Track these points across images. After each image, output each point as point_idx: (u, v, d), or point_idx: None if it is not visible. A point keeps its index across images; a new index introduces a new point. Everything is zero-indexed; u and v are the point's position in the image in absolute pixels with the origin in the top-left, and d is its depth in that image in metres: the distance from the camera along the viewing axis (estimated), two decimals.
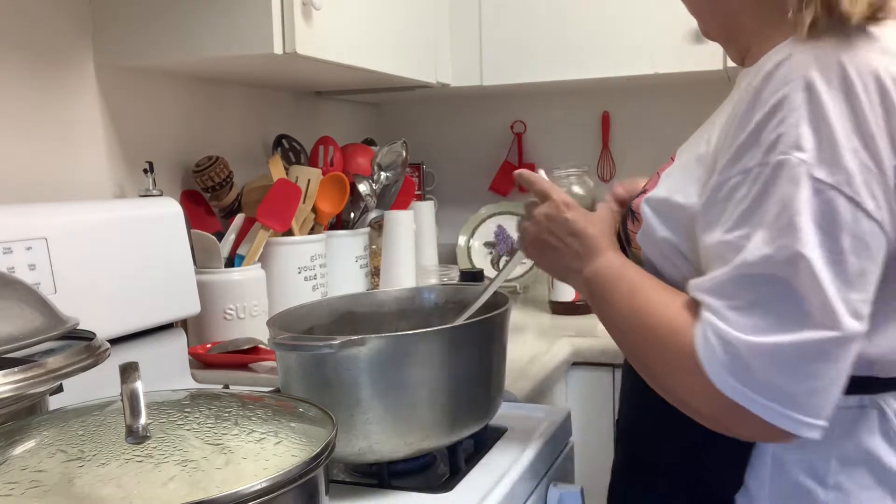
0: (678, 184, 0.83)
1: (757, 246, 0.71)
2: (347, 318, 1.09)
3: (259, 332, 1.40)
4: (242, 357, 1.33)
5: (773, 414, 0.70)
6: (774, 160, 0.71)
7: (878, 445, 0.81)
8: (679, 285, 0.81)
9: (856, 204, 0.70)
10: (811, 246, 0.69)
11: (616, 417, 1.04)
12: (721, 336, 0.71)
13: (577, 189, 1.85)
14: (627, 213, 0.92)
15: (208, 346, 1.37)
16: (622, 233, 0.94)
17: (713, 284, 0.73)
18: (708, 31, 0.92)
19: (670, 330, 0.76)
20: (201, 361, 1.34)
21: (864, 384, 0.79)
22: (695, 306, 0.75)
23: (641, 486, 0.94)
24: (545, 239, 0.93)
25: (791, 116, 0.71)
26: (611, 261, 0.88)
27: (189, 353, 1.32)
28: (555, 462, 1.05)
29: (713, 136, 0.80)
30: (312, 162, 1.80)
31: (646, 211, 0.85)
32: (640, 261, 0.89)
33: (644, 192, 0.90)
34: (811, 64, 0.72)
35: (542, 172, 1.01)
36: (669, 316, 0.77)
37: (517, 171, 1.00)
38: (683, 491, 0.88)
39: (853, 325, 0.69)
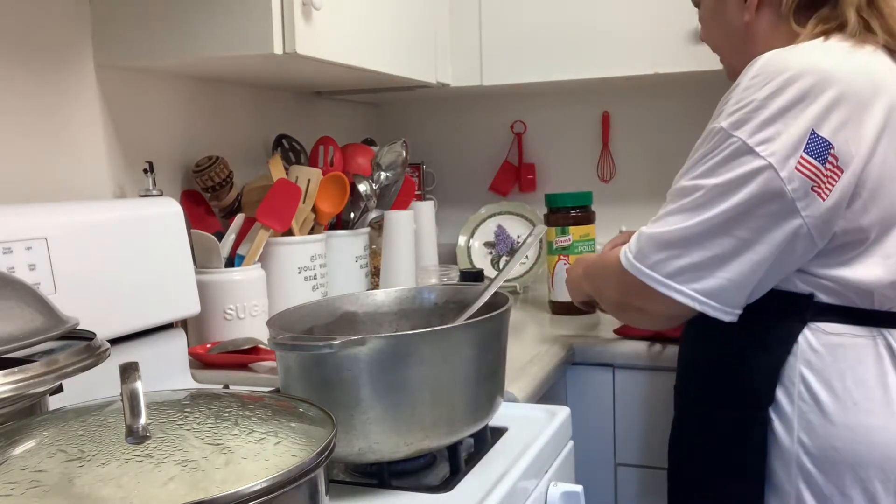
0: None
1: None
2: (347, 318, 1.09)
3: (259, 332, 1.40)
4: (242, 357, 1.33)
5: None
6: None
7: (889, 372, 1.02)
8: None
9: None
10: None
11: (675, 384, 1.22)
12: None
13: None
14: None
15: (208, 346, 1.37)
16: None
17: None
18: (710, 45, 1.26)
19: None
20: (201, 361, 1.34)
21: (867, 316, 1.03)
22: None
23: (682, 414, 1.20)
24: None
25: None
26: None
27: (189, 353, 1.32)
28: (555, 462, 1.05)
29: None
30: (312, 162, 1.80)
31: None
32: None
33: None
34: None
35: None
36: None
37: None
38: (722, 408, 1.10)
39: None
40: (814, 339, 1.04)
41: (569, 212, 1.80)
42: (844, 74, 0.99)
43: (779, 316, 1.05)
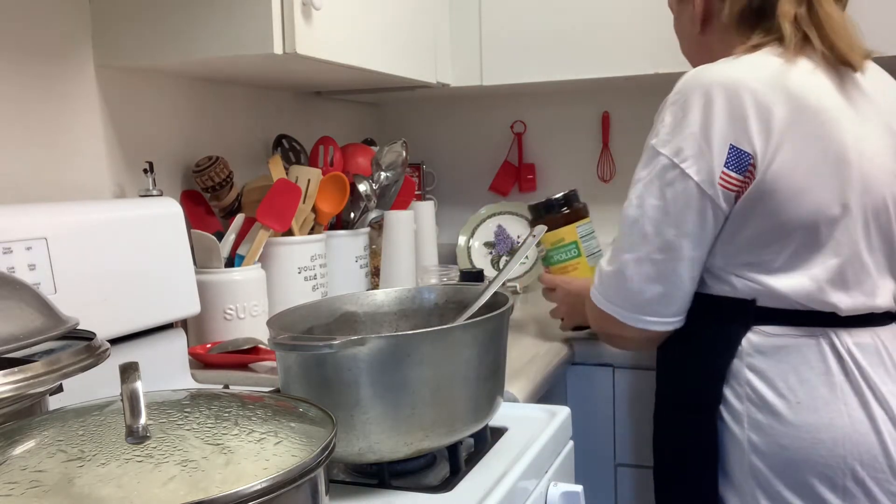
0: None
1: None
2: (347, 318, 1.09)
3: (259, 332, 1.40)
4: (242, 357, 1.33)
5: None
6: None
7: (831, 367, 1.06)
8: None
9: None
10: None
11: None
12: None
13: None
14: None
15: (208, 346, 1.37)
16: None
17: None
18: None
19: None
20: (201, 361, 1.34)
21: (809, 317, 1.07)
22: None
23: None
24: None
25: None
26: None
27: (189, 353, 1.32)
28: (555, 462, 1.05)
29: None
30: (312, 162, 1.80)
31: None
32: None
33: None
34: None
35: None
36: None
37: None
38: (678, 408, 1.17)
39: None
40: (757, 340, 1.08)
41: (535, 222, 1.55)
42: (752, 82, 1.04)
43: (723, 320, 1.10)
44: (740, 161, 1.03)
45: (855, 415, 1.04)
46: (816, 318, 1.07)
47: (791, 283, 1.06)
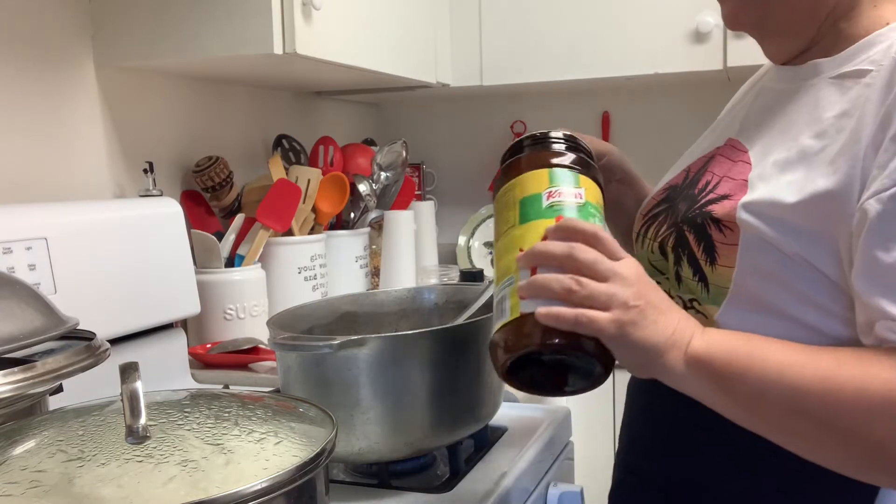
0: (786, 186, 0.70)
1: None
2: (347, 318, 1.09)
3: (259, 332, 1.40)
4: (242, 357, 1.33)
5: None
6: None
7: None
8: (778, 314, 0.70)
9: None
10: None
11: (622, 449, 0.93)
12: None
13: None
14: (703, 222, 0.75)
15: (208, 346, 1.37)
16: (678, 248, 0.78)
17: None
18: (766, 19, 0.78)
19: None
20: (201, 361, 1.34)
21: None
22: None
23: None
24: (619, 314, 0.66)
25: None
26: (708, 328, 0.70)
27: (189, 353, 1.32)
28: (555, 462, 1.05)
29: (829, 131, 0.70)
30: (312, 162, 1.80)
31: (749, 219, 0.71)
32: (705, 283, 0.75)
33: (706, 196, 0.77)
34: None
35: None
36: (889, 371, 0.62)
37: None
38: None
39: None
40: None
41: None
42: None
43: None
44: None
45: None
46: None
47: None
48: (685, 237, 0.77)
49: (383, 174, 1.80)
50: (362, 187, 1.75)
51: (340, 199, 1.68)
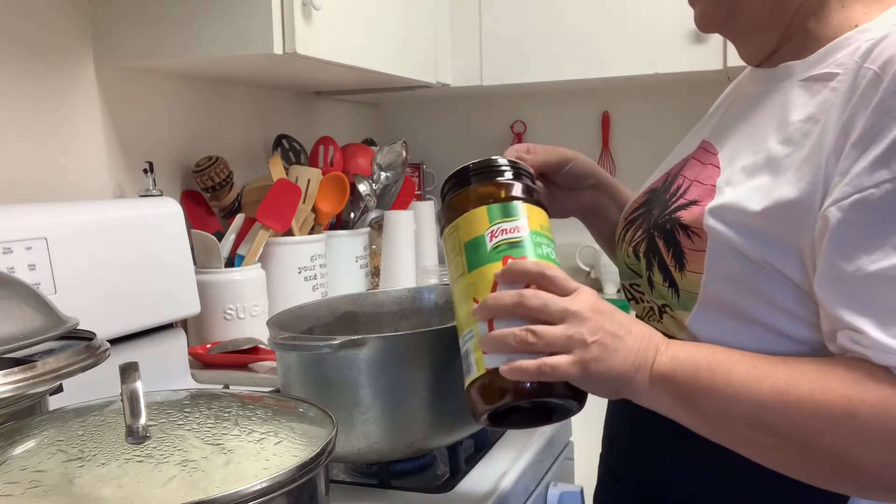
0: (752, 193, 0.69)
1: None
2: (347, 318, 1.09)
3: (259, 332, 1.40)
4: (242, 357, 1.33)
5: None
6: None
7: None
8: (747, 319, 0.70)
9: None
10: None
11: (604, 450, 0.91)
12: None
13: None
14: (672, 228, 0.75)
15: (208, 346, 1.37)
16: (650, 254, 0.77)
17: None
18: (734, 20, 0.77)
19: (871, 399, 0.61)
20: (201, 361, 1.34)
21: None
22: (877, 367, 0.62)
23: None
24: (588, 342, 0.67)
25: None
26: (671, 343, 0.70)
27: (189, 353, 1.32)
28: (555, 462, 1.05)
29: (795, 136, 0.69)
30: (312, 162, 1.80)
31: (715, 226, 0.70)
32: (675, 289, 0.74)
33: (676, 202, 0.76)
34: None
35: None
36: (847, 383, 0.62)
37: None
38: None
39: None
40: None
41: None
42: None
43: None
44: None
45: None
46: None
47: None
48: (655, 243, 0.77)
49: (383, 174, 1.80)
50: (362, 187, 1.75)
51: (340, 199, 1.68)
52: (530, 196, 0.76)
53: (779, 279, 0.68)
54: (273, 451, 0.60)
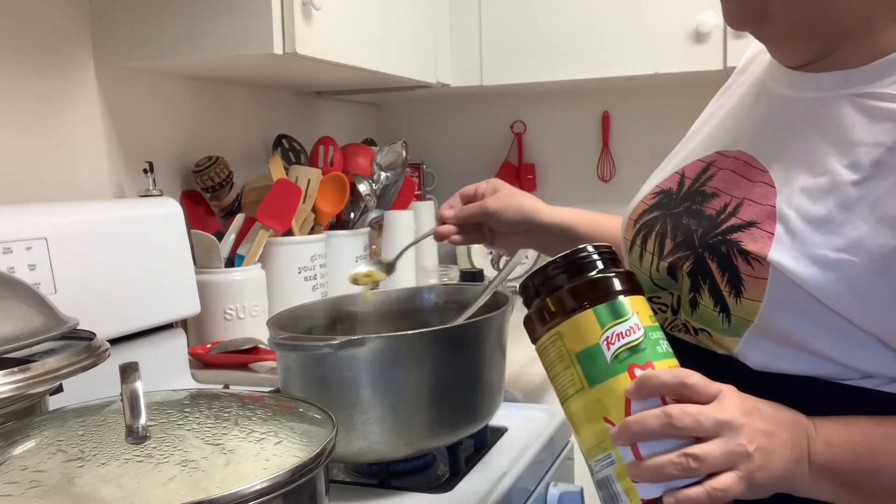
0: (824, 240, 0.66)
1: None
2: (347, 318, 1.09)
3: (259, 332, 1.40)
4: (242, 357, 1.33)
5: None
6: None
7: None
8: (804, 348, 0.68)
9: None
10: None
11: None
12: None
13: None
14: (729, 252, 0.71)
15: (208, 346, 1.37)
16: (697, 275, 0.72)
17: None
18: (766, 20, 0.72)
19: None
20: (201, 361, 1.34)
21: None
22: None
23: None
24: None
25: None
26: (820, 425, 0.67)
27: (189, 353, 1.32)
28: (555, 462, 1.05)
29: (863, 161, 0.67)
30: (312, 162, 1.80)
31: (783, 262, 0.67)
32: (727, 314, 0.71)
33: (728, 221, 0.72)
34: None
35: None
36: None
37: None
38: None
39: None
40: None
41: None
42: None
43: None
44: None
45: None
46: None
47: None
48: (706, 265, 0.72)
49: (383, 174, 1.80)
50: (362, 187, 1.75)
51: (340, 199, 1.68)
52: (630, 283, 0.68)
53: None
54: (273, 452, 0.60)
